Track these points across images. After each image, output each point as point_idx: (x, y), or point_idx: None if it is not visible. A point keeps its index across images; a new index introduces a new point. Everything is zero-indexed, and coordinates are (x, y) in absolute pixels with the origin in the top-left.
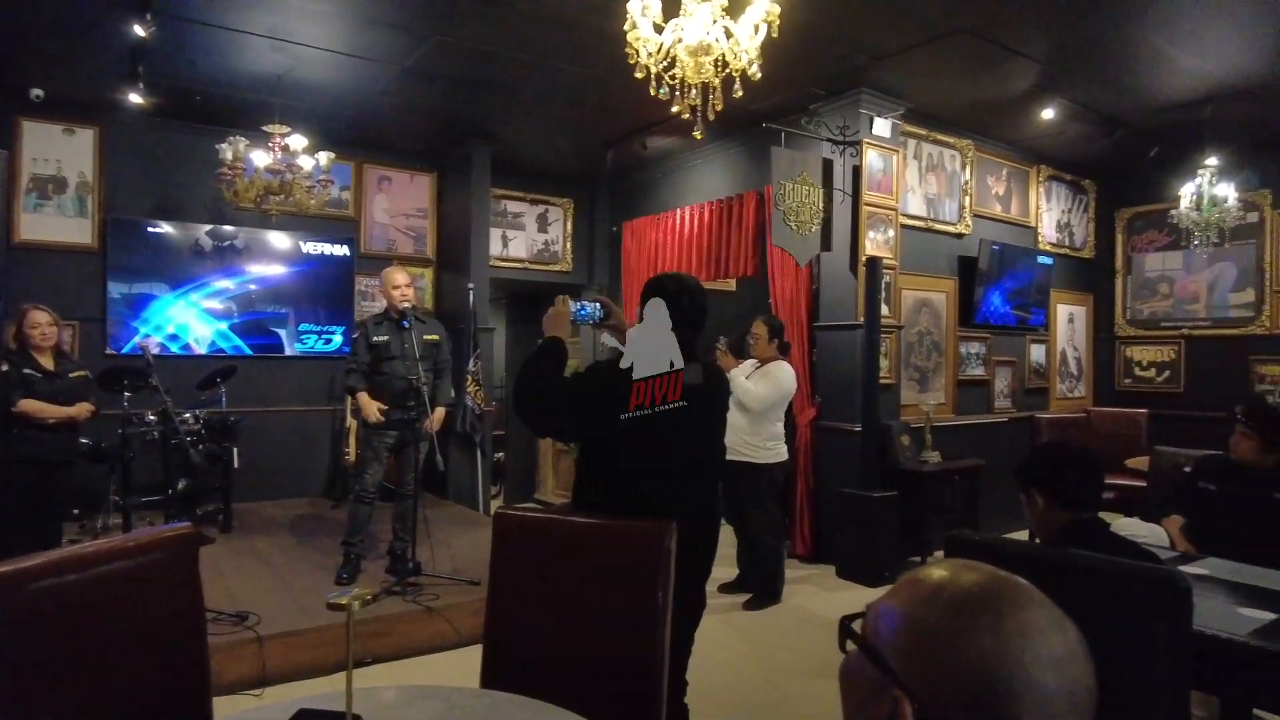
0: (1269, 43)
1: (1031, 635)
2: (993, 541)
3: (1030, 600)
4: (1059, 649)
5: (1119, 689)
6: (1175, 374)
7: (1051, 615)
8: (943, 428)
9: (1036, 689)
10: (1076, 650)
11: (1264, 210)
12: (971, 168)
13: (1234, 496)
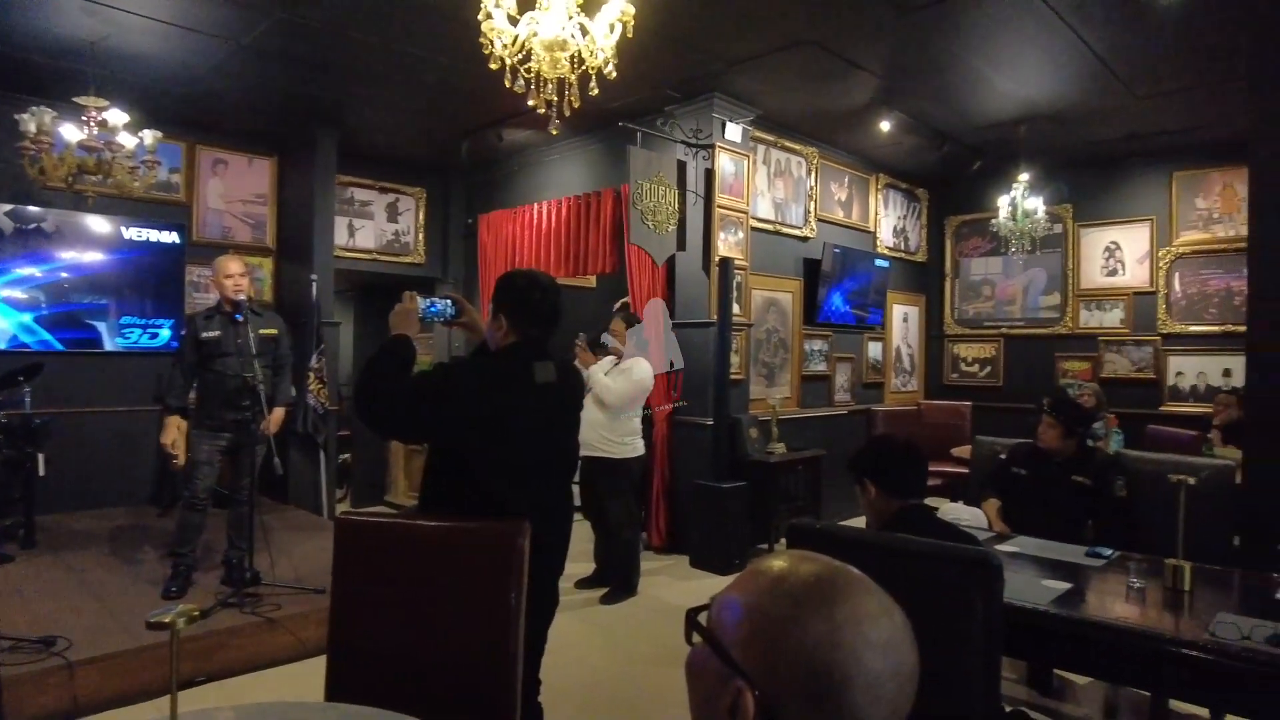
0: (1070, 74)
1: (862, 622)
2: (830, 529)
3: (861, 588)
4: (887, 633)
5: (941, 658)
6: (995, 369)
7: (880, 601)
8: (788, 420)
9: (867, 672)
10: (902, 633)
11: (1067, 222)
12: (816, 174)
13: (1040, 480)
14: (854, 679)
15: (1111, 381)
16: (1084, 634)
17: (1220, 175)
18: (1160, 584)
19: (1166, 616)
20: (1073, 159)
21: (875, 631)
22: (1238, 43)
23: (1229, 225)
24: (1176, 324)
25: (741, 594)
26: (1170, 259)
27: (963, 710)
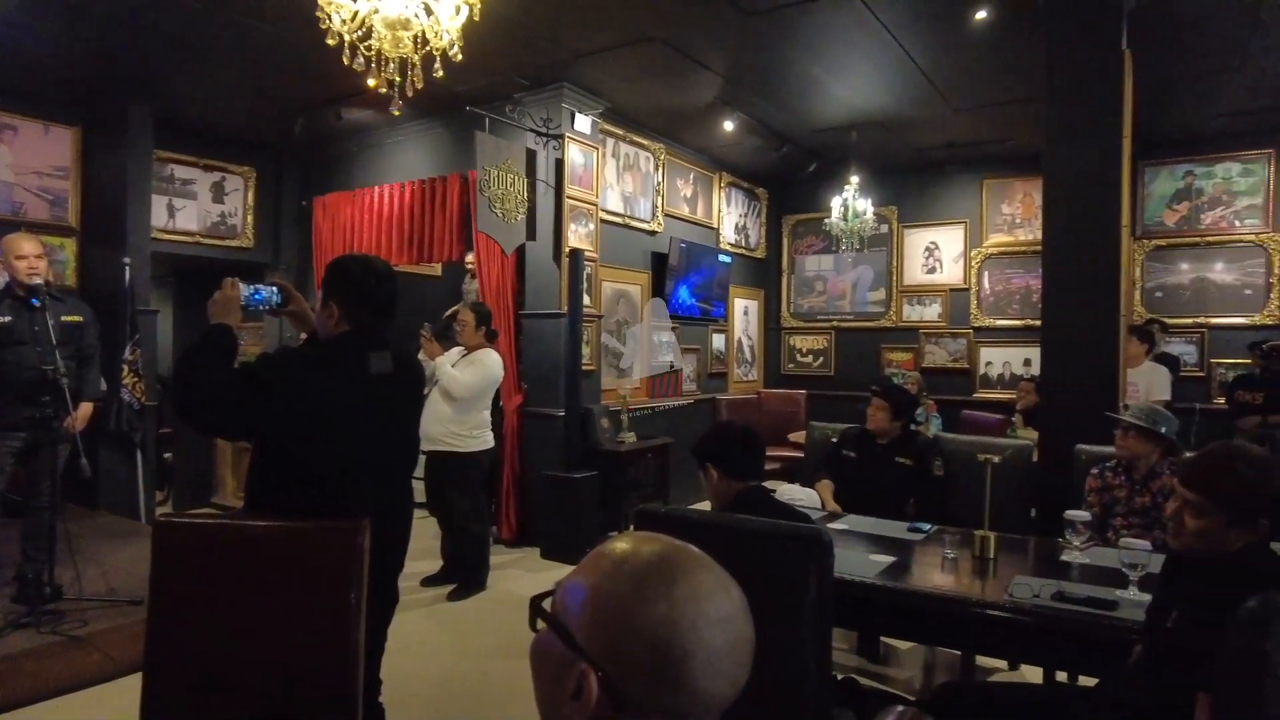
0: (896, 85)
1: (701, 599)
2: (676, 512)
3: (699, 566)
4: (724, 609)
5: (777, 630)
6: (828, 359)
7: (718, 578)
8: (639, 411)
9: (706, 647)
10: (739, 608)
11: (892, 223)
12: (663, 170)
13: (868, 462)
14: (693, 654)
15: (931, 371)
16: (906, 603)
17: (1022, 184)
18: (970, 553)
19: (974, 582)
20: (898, 164)
21: (713, 608)
22: (1036, 63)
23: (1028, 229)
24: (986, 318)
25: (585, 577)
26: (981, 259)
27: (797, 679)
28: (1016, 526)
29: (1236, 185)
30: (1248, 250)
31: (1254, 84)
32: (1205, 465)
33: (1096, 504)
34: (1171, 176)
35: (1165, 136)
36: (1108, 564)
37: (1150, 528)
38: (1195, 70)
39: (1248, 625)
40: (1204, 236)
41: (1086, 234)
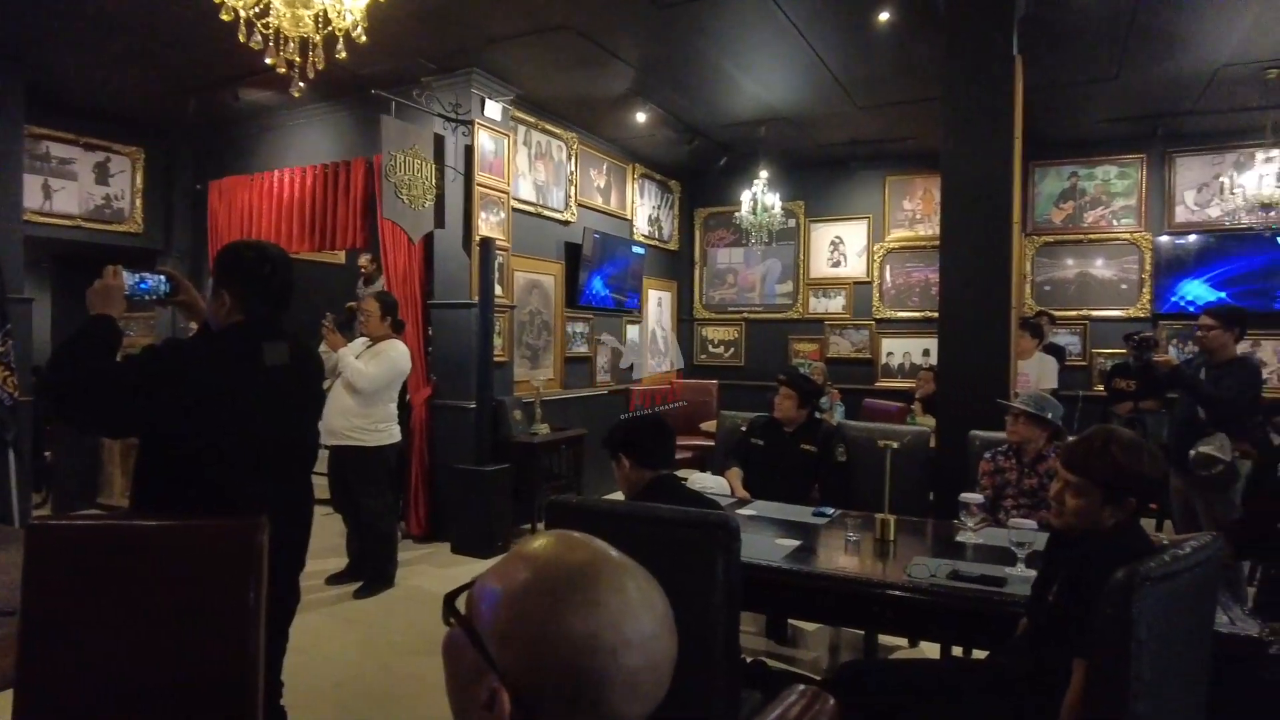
0: (804, 82)
1: (624, 619)
2: (587, 503)
3: (624, 580)
4: (647, 628)
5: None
6: (738, 350)
7: (644, 593)
8: (551, 401)
9: (625, 670)
10: (662, 625)
11: (800, 217)
12: (576, 160)
13: (775, 449)
14: (612, 678)
15: (835, 361)
16: (811, 585)
17: (922, 181)
18: (871, 536)
19: (875, 563)
20: (806, 160)
21: (636, 628)
22: (936, 65)
23: (928, 225)
24: (888, 310)
25: (502, 583)
26: (883, 253)
27: (706, 662)
28: (915, 509)
29: (1114, 187)
30: (1124, 248)
31: (1128, 93)
32: (1083, 448)
33: (989, 486)
34: (1058, 177)
35: (1053, 139)
36: (998, 543)
37: (1038, 508)
38: (1078, 77)
39: (1116, 595)
40: (1086, 234)
41: (981, 230)
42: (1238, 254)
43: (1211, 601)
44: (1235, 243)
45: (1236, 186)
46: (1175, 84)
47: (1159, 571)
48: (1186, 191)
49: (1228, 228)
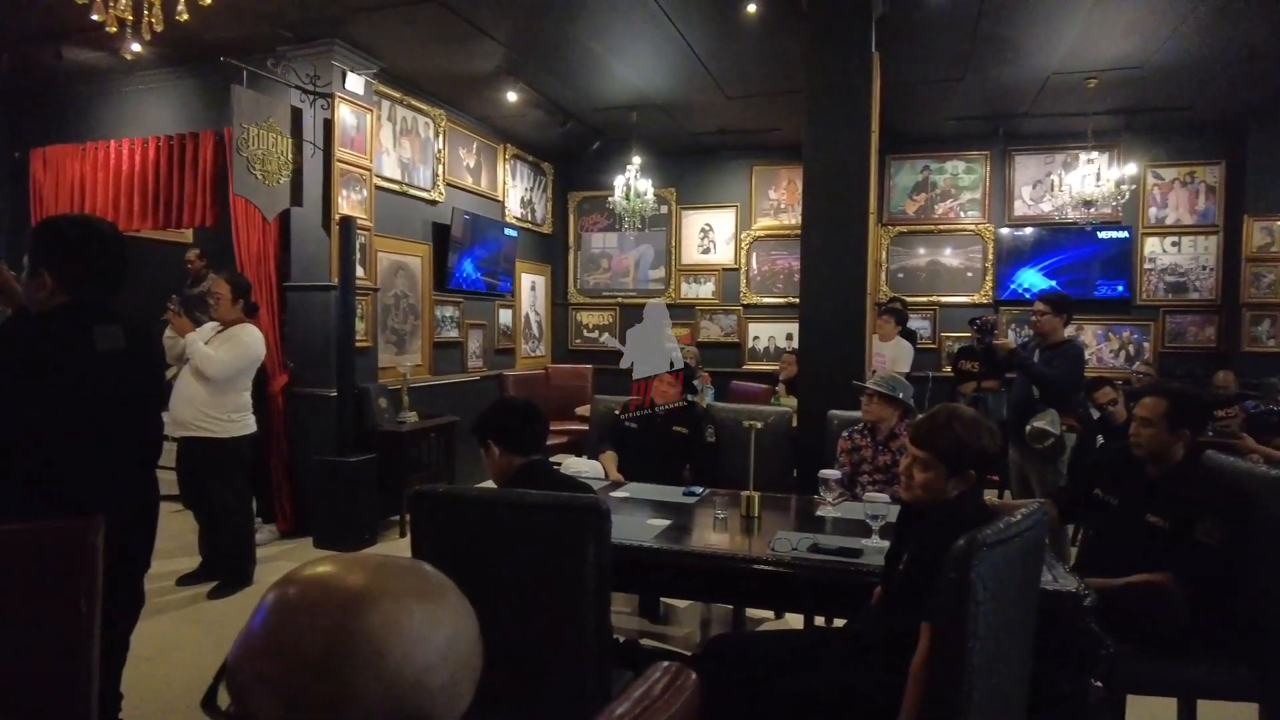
0: (674, 69)
1: (416, 651)
2: (453, 492)
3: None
4: (444, 634)
5: (557, 598)
6: (613, 334)
7: (423, 603)
8: (420, 388)
9: (440, 690)
10: (454, 617)
11: (672, 204)
12: (445, 137)
13: (648, 432)
14: (431, 706)
15: (706, 345)
16: (681, 563)
17: (787, 171)
18: (738, 512)
19: (742, 540)
20: (677, 147)
21: (430, 648)
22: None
23: (792, 214)
24: (754, 296)
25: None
26: (750, 241)
27: (577, 644)
28: (780, 486)
29: (962, 181)
30: (970, 238)
31: (974, 94)
32: (929, 425)
33: (847, 463)
34: (912, 170)
35: (908, 134)
36: (855, 516)
37: (891, 482)
38: (930, 77)
39: (957, 561)
40: (937, 225)
41: (839, 220)
42: (1065, 246)
43: (1038, 562)
44: (1064, 235)
45: (1064, 184)
46: (1014, 88)
47: (994, 538)
48: (1024, 187)
49: (1057, 222)
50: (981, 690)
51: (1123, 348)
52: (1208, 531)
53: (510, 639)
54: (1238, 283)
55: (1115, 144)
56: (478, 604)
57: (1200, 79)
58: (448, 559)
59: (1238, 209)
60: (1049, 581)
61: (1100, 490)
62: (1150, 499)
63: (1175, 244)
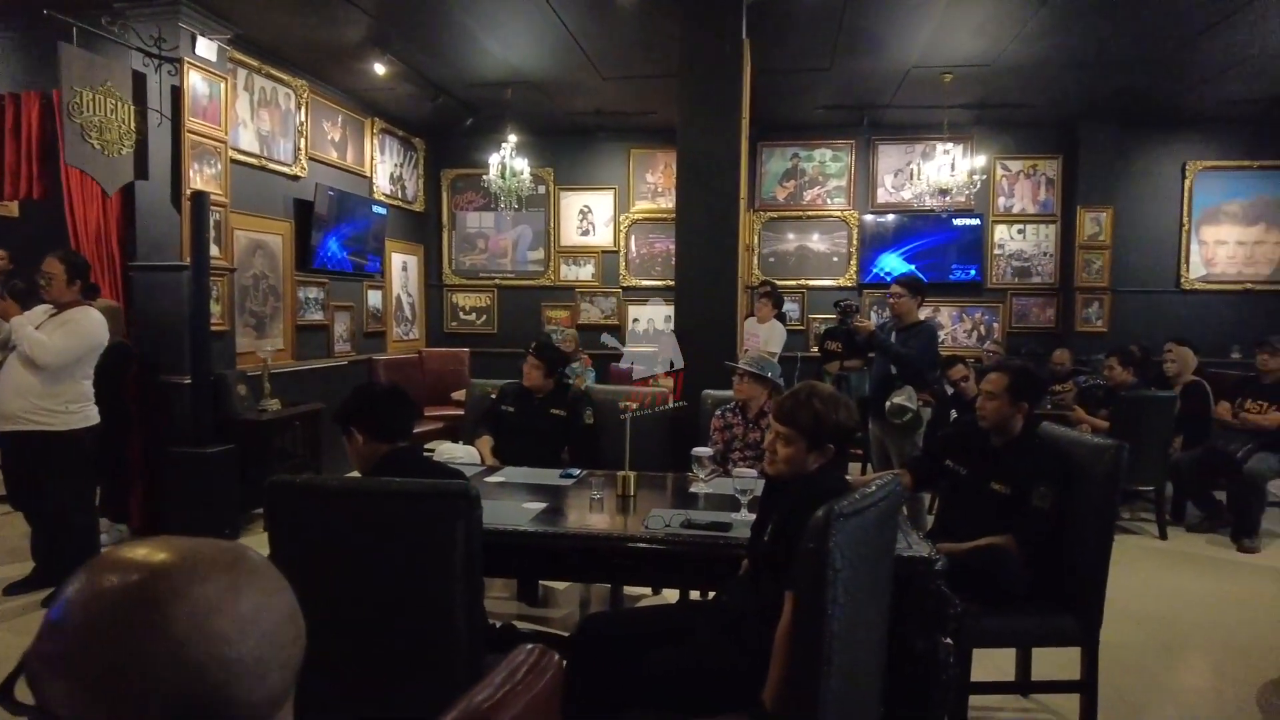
0: (549, 47)
1: (209, 623)
2: (312, 482)
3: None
4: (246, 606)
5: (428, 585)
6: (490, 317)
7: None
8: (283, 374)
9: (239, 665)
10: (267, 607)
11: (549, 184)
12: (307, 110)
13: (525, 415)
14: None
15: (586, 327)
16: (557, 545)
17: (663, 155)
18: (614, 492)
19: (618, 519)
20: (554, 127)
21: (226, 622)
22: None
23: (669, 198)
24: (634, 279)
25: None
26: (629, 224)
27: (449, 630)
28: (656, 465)
29: (829, 169)
30: (836, 224)
31: (840, 84)
32: (790, 402)
33: (720, 441)
34: (782, 157)
35: (778, 121)
36: (727, 492)
37: (761, 459)
38: (799, 65)
39: (816, 532)
40: (805, 211)
41: (712, 205)
42: (924, 232)
43: (893, 530)
44: (922, 222)
45: (923, 174)
46: (877, 79)
47: (850, 509)
48: (886, 176)
49: (916, 209)
50: (841, 654)
51: (975, 328)
52: (1042, 497)
53: (380, 629)
54: (1073, 268)
55: (968, 136)
56: (344, 596)
57: (1040, 79)
58: (310, 552)
59: (1072, 200)
60: (903, 548)
61: (951, 461)
62: (994, 468)
63: (1021, 231)
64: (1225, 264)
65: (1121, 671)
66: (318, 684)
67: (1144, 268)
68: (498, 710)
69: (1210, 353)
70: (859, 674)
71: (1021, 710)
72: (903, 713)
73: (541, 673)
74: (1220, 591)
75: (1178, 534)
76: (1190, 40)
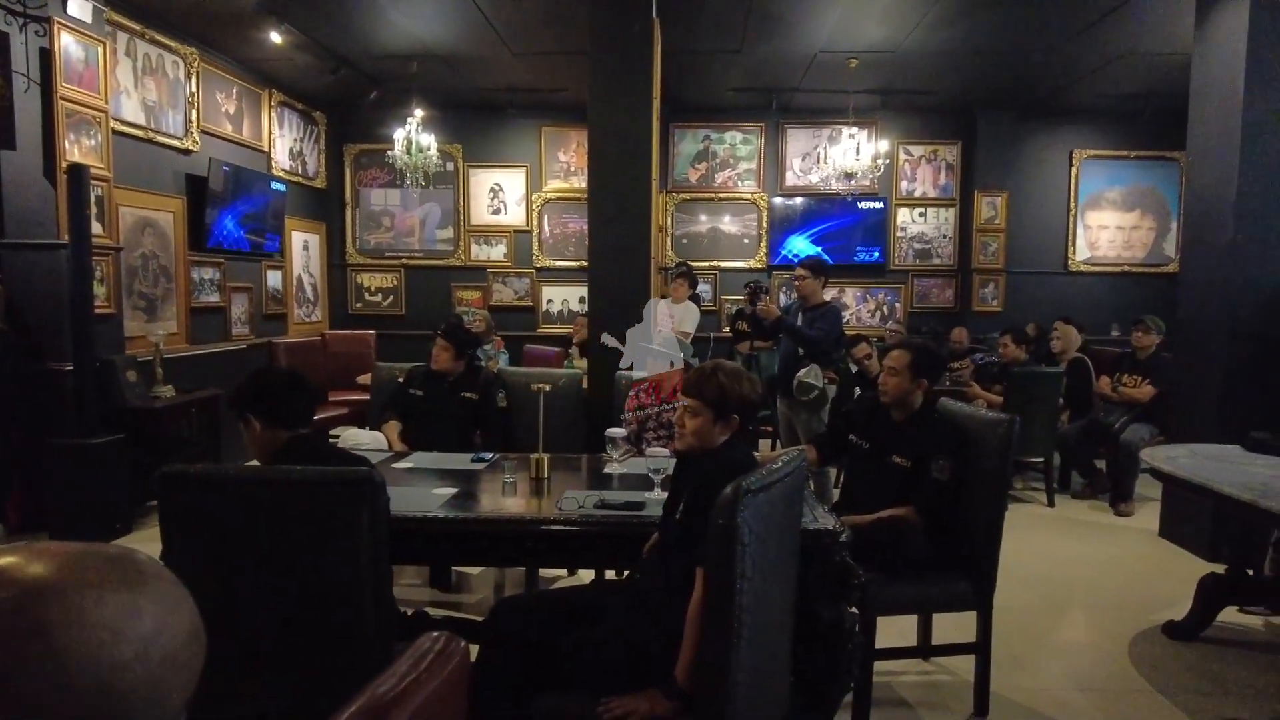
0: (456, 20)
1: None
2: (207, 472)
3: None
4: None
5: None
6: (398, 298)
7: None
8: (177, 359)
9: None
10: (166, 626)
11: (458, 161)
12: (198, 80)
13: (434, 399)
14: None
15: (498, 308)
16: (468, 530)
17: (576, 133)
18: (528, 475)
19: (531, 502)
20: (463, 102)
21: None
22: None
23: (582, 178)
24: (547, 259)
25: None
26: (541, 203)
27: (357, 620)
28: (571, 447)
29: (740, 151)
30: (747, 207)
31: (750, 67)
32: (697, 376)
33: (634, 421)
34: (694, 139)
35: (690, 103)
36: (640, 471)
37: (674, 438)
38: (709, 47)
39: (724, 507)
40: (717, 193)
41: (624, 185)
42: (831, 215)
43: (799, 504)
44: (829, 205)
45: (829, 157)
46: (785, 63)
47: (758, 484)
48: (795, 159)
49: (823, 192)
50: (751, 626)
51: (878, 308)
52: (940, 469)
53: (284, 623)
54: (970, 250)
55: (873, 121)
56: (245, 591)
57: (940, 67)
58: (207, 546)
59: (970, 185)
60: (810, 521)
61: (854, 435)
62: (894, 442)
63: (922, 215)
64: (1106, 247)
65: (1013, 632)
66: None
67: (1035, 250)
68: (401, 701)
69: (1094, 331)
70: (769, 645)
71: (923, 673)
72: (811, 681)
73: (447, 660)
74: (1100, 553)
75: (1064, 501)
76: (1075, 35)
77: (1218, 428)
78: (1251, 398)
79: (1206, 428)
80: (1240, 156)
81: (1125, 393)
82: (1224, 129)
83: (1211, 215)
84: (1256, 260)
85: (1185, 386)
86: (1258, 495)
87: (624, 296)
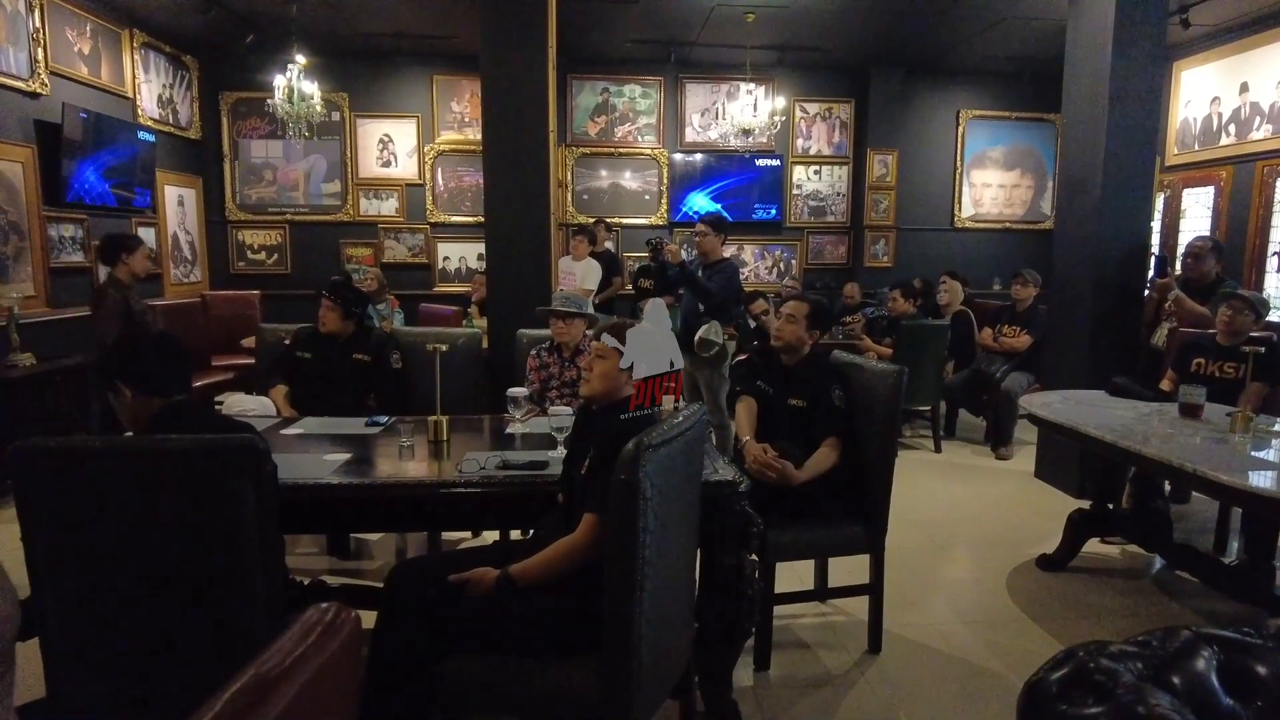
0: None
1: None
2: (68, 444)
3: None
4: None
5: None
6: (283, 256)
7: None
8: (36, 324)
9: None
10: None
11: (344, 111)
12: (43, 14)
13: (324, 361)
14: None
15: (391, 266)
16: (364, 496)
17: (469, 83)
18: (426, 438)
19: (430, 465)
20: (348, 48)
21: None
22: None
23: (477, 129)
24: (442, 214)
25: None
26: (434, 155)
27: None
28: (471, 408)
29: (639, 105)
30: (647, 162)
31: (648, 18)
32: (610, 324)
33: (536, 380)
34: (593, 91)
35: (588, 55)
36: (543, 431)
37: (578, 396)
38: None
39: (626, 463)
40: (617, 148)
41: (520, 138)
42: (730, 172)
43: (699, 457)
44: (728, 162)
45: (728, 113)
46: (683, 16)
47: (658, 440)
48: (694, 115)
49: (721, 149)
50: (653, 579)
51: (775, 265)
52: (839, 397)
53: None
54: (863, 208)
55: (770, 79)
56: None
57: (835, 24)
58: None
59: (863, 143)
60: (710, 473)
61: (761, 381)
62: (788, 385)
63: (817, 173)
64: (989, 205)
65: (902, 572)
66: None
67: (924, 207)
68: (287, 676)
69: (977, 285)
70: (671, 595)
71: (820, 615)
72: (714, 626)
73: (336, 631)
74: (981, 494)
75: (950, 446)
76: None
77: (1088, 374)
78: (1114, 345)
79: (1078, 375)
80: (1108, 119)
81: (1005, 343)
82: (1093, 93)
83: (1082, 175)
84: (1120, 216)
85: (1058, 336)
86: (1118, 436)
87: (523, 253)
